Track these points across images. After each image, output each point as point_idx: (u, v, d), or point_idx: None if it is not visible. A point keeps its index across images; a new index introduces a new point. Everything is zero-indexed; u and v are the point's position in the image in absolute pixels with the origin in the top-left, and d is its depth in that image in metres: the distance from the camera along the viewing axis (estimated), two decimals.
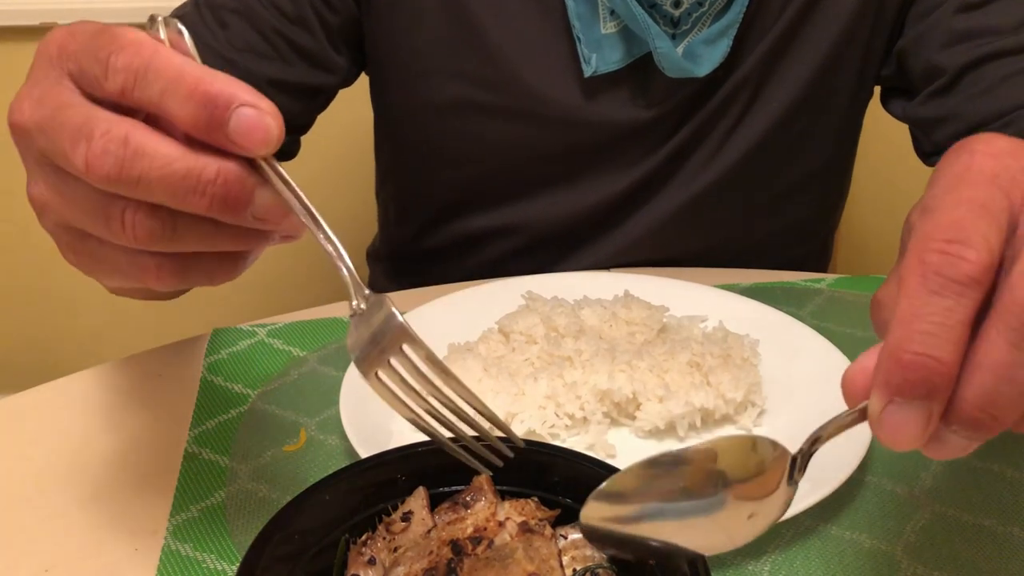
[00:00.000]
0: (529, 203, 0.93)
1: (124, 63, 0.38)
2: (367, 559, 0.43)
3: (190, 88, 0.38)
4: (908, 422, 0.33)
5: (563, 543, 0.43)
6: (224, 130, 0.38)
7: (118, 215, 0.39)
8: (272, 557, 0.40)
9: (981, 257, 0.32)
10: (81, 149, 0.38)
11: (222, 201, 0.38)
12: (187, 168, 0.38)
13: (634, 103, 0.86)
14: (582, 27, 0.83)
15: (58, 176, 0.41)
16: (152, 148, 0.38)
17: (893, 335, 0.33)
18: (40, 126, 0.40)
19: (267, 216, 0.40)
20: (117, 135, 0.38)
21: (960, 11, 0.81)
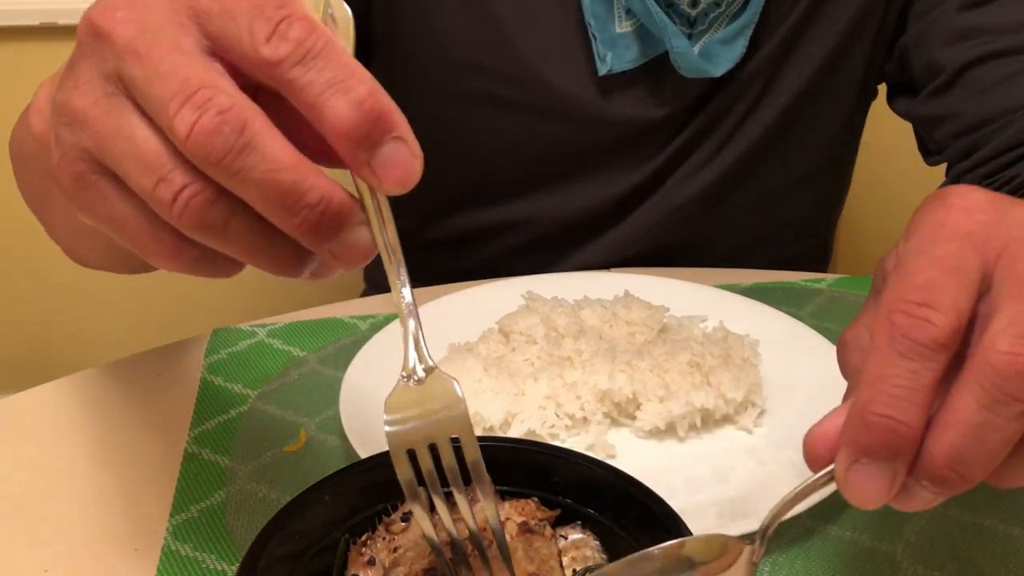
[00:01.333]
0: (534, 199, 0.93)
1: (298, 35, 0.34)
2: (367, 559, 0.43)
3: (363, 94, 0.34)
4: (873, 481, 0.34)
5: (563, 543, 0.43)
6: (372, 151, 0.35)
7: (177, 183, 0.34)
8: (272, 557, 0.40)
9: (949, 321, 0.33)
10: (188, 115, 0.33)
11: (312, 227, 0.34)
12: (293, 182, 0.34)
13: (647, 102, 0.87)
14: (597, 25, 0.83)
15: (123, 108, 0.35)
16: (266, 146, 0.34)
17: (861, 395, 0.34)
18: (136, 51, 0.35)
19: (349, 255, 0.36)
20: (237, 118, 0.33)
21: (961, 9, 0.82)
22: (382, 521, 0.44)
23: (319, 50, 0.34)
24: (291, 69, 0.34)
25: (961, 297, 0.33)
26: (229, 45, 0.35)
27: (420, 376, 0.38)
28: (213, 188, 0.34)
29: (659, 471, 0.60)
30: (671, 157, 0.90)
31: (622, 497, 0.43)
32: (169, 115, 0.33)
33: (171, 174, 0.34)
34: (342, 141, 0.34)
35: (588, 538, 0.44)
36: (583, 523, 0.44)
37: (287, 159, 0.34)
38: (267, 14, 0.34)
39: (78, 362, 0.83)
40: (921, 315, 0.33)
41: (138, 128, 0.35)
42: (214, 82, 0.34)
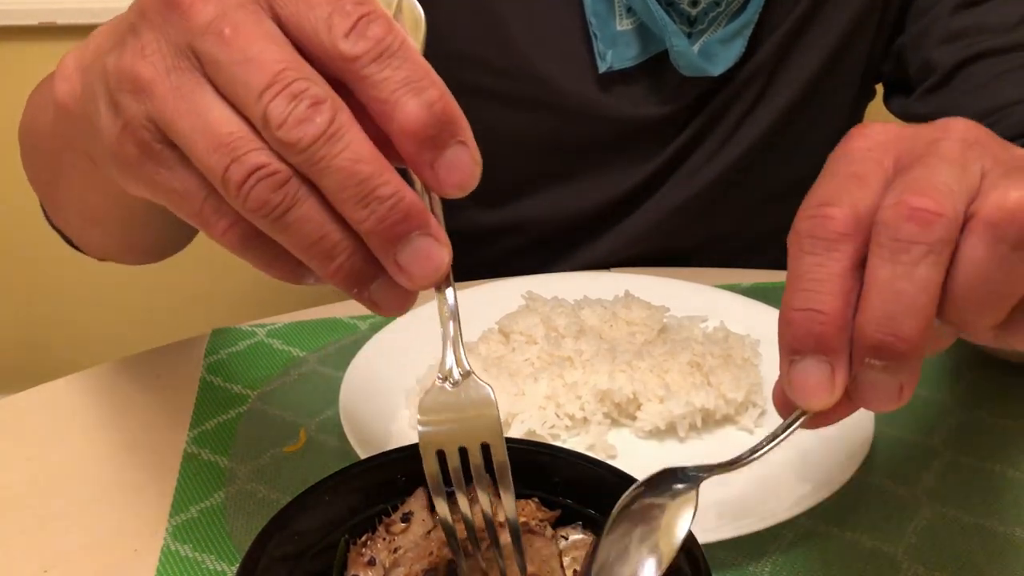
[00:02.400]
0: (533, 200, 0.93)
1: (377, 33, 0.34)
2: (367, 560, 0.43)
3: (435, 96, 0.34)
4: (810, 375, 0.35)
5: (563, 544, 0.43)
6: (436, 153, 0.35)
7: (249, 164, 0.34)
8: (272, 557, 0.40)
9: (845, 212, 0.35)
10: (283, 104, 0.33)
11: (379, 221, 0.34)
12: (370, 174, 0.34)
13: (646, 100, 0.87)
14: (598, 23, 0.83)
15: (197, 84, 0.35)
16: (351, 137, 0.34)
17: (783, 301, 0.35)
18: (219, 32, 0.34)
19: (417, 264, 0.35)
20: (329, 107, 0.34)
21: (956, 9, 0.82)
22: (382, 521, 0.44)
23: (395, 49, 0.34)
24: (368, 66, 0.34)
25: (858, 194, 0.35)
26: (303, 34, 0.35)
27: (456, 379, 0.39)
28: (286, 171, 0.34)
29: None
30: (670, 158, 0.90)
31: None
32: (263, 102, 0.34)
33: (245, 156, 0.34)
34: (409, 140, 0.35)
35: (588, 539, 0.44)
36: (583, 524, 0.44)
37: (367, 151, 0.34)
38: (347, 9, 0.34)
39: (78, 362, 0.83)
40: (820, 213, 0.35)
41: (213, 106, 0.35)
42: (306, 72, 0.34)
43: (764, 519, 0.52)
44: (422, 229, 0.35)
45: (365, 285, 0.36)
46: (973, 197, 0.34)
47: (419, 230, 0.35)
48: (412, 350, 0.67)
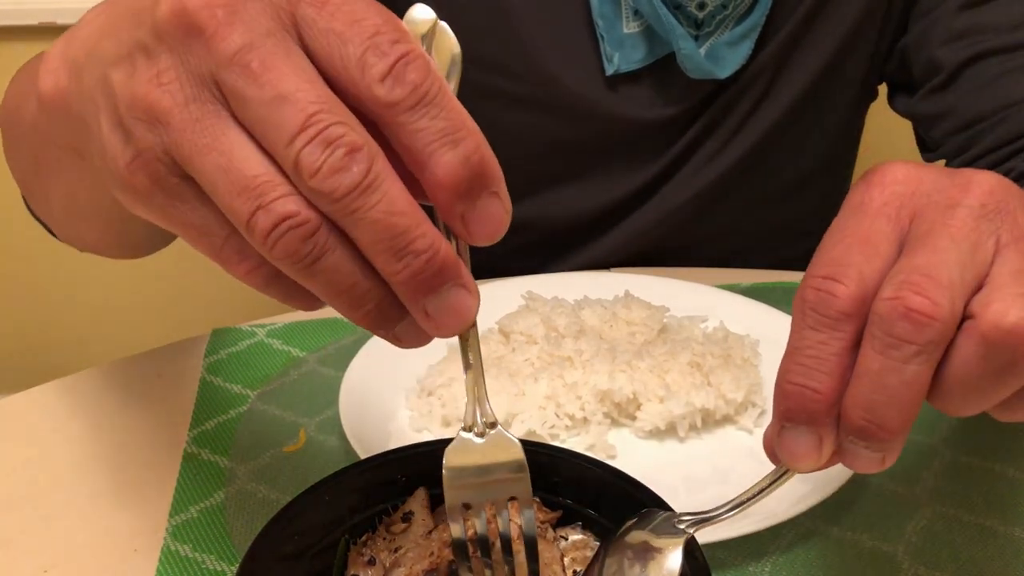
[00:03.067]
0: (535, 200, 0.93)
1: (415, 78, 0.32)
2: (367, 559, 0.43)
3: (471, 148, 0.33)
4: (799, 444, 0.36)
5: (564, 544, 0.44)
6: (468, 204, 0.33)
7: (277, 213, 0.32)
8: (272, 557, 0.40)
9: (851, 292, 0.35)
10: (317, 152, 0.31)
11: (412, 274, 0.33)
12: (406, 227, 0.32)
13: (653, 102, 0.87)
14: (605, 26, 0.83)
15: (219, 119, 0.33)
16: (387, 188, 0.32)
17: (780, 367, 0.36)
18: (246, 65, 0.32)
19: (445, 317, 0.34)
20: (366, 156, 0.32)
21: (961, 9, 0.82)
22: (382, 521, 0.44)
23: (433, 96, 0.32)
24: (403, 113, 0.32)
25: (866, 267, 0.35)
26: (335, 69, 0.33)
27: (481, 430, 0.38)
28: (316, 220, 0.32)
29: (659, 471, 0.60)
30: (674, 158, 0.90)
31: (622, 497, 0.43)
32: (295, 148, 0.31)
33: (274, 202, 0.32)
34: (442, 192, 0.33)
35: (588, 539, 0.44)
36: (583, 524, 0.44)
37: (403, 203, 0.32)
38: (383, 48, 0.32)
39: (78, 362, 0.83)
40: (826, 288, 0.35)
41: (237, 145, 0.33)
42: (342, 115, 0.32)
43: (764, 519, 0.52)
44: (454, 281, 0.34)
45: (390, 327, 0.35)
46: (979, 282, 0.34)
47: (452, 282, 0.34)
48: (412, 350, 0.67)
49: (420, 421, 0.64)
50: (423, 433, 0.63)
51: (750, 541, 0.53)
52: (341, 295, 0.34)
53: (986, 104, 0.79)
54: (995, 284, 0.34)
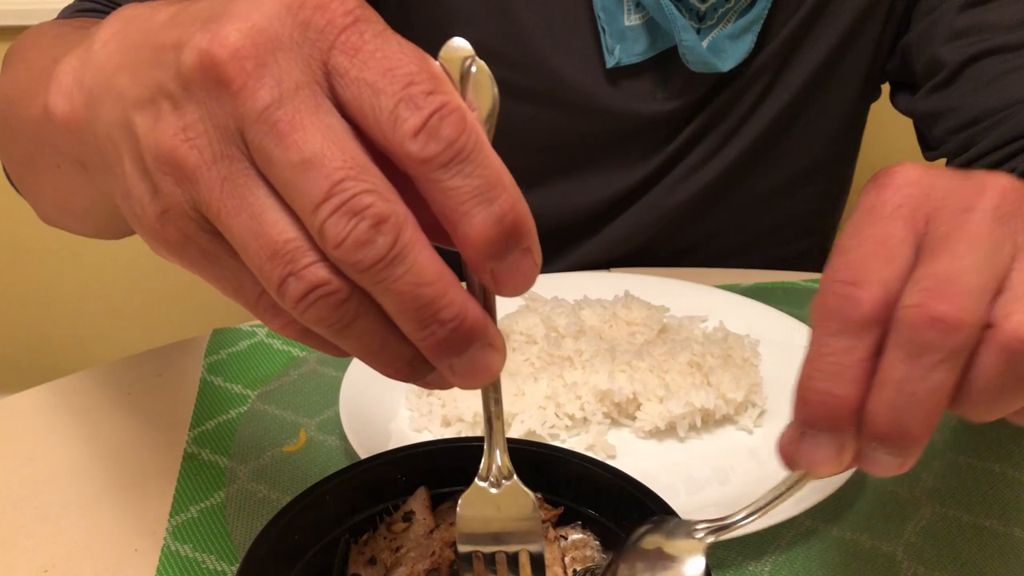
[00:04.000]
0: (535, 194, 0.93)
1: (451, 135, 0.31)
2: (368, 558, 0.43)
3: (507, 207, 0.32)
4: (820, 450, 0.36)
5: (564, 543, 0.44)
6: (499, 262, 0.32)
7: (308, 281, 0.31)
8: (272, 556, 0.40)
9: (874, 297, 0.34)
10: (342, 223, 0.30)
11: (438, 342, 0.32)
12: (433, 297, 0.31)
13: (653, 95, 0.87)
14: (607, 18, 0.84)
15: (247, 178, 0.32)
16: (415, 258, 0.31)
17: (802, 372, 0.36)
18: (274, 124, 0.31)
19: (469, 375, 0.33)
20: (393, 227, 0.31)
21: (963, 8, 0.83)
22: (383, 520, 0.45)
23: (469, 152, 0.31)
24: (436, 170, 0.31)
25: (886, 271, 0.35)
26: (366, 122, 0.31)
27: (500, 482, 0.38)
28: (347, 288, 0.32)
29: (659, 471, 0.60)
30: (673, 153, 0.90)
31: (622, 497, 0.43)
32: (320, 217, 0.30)
33: (304, 271, 0.31)
34: (474, 252, 0.32)
35: (588, 538, 0.44)
36: (583, 523, 0.45)
37: (431, 273, 0.31)
38: (417, 101, 0.31)
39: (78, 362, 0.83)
40: (849, 294, 0.35)
41: (267, 207, 0.32)
42: (369, 181, 0.31)
43: (764, 519, 0.52)
44: (481, 343, 0.33)
45: (420, 378, 0.35)
46: (999, 285, 0.34)
47: (478, 344, 0.33)
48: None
49: (420, 421, 0.64)
50: (423, 433, 0.63)
51: (750, 541, 0.53)
52: (372, 355, 0.34)
53: (987, 103, 0.80)
54: (1015, 293, 0.34)
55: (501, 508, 0.38)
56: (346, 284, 0.32)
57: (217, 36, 0.31)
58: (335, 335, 0.33)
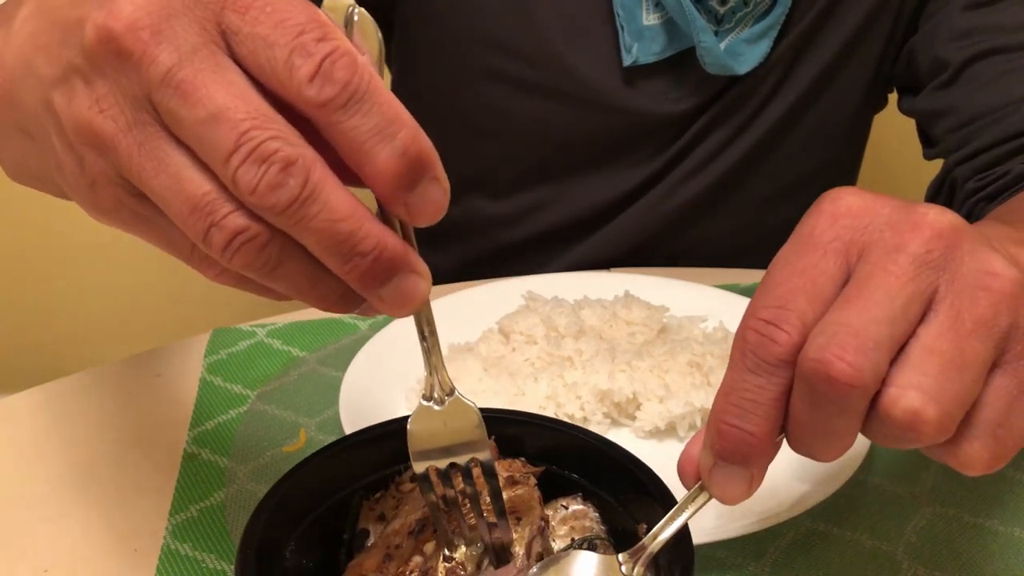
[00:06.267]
0: (542, 191, 0.93)
1: (344, 77, 0.32)
2: (377, 515, 0.46)
3: (408, 139, 0.33)
4: (731, 481, 0.37)
5: (564, 513, 0.46)
6: (408, 193, 0.34)
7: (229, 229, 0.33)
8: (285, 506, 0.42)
9: (792, 340, 0.35)
10: (253, 170, 0.32)
11: (362, 273, 0.34)
12: (350, 231, 0.33)
13: (667, 95, 0.87)
14: (625, 16, 0.84)
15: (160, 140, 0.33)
16: (327, 196, 0.33)
17: (716, 403, 0.37)
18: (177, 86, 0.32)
19: (397, 302, 0.35)
20: (301, 168, 0.32)
21: (966, 9, 0.83)
22: (394, 481, 0.47)
23: (364, 91, 0.33)
24: (335, 112, 0.33)
25: (809, 312, 0.35)
26: (264, 74, 0.33)
27: (441, 398, 0.40)
28: (267, 232, 0.33)
29: (659, 471, 0.59)
30: (678, 153, 0.90)
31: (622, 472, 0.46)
32: (231, 167, 0.32)
33: (224, 220, 0.33)
34: (382, 185, 0.34)
35: (588, 509, 0.46)
36: (583, 495, 0.47)
37: (345, 208, 0.33)
38: (309, 48, 0.32)
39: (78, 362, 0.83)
40: (768, 334, 0.36)
41: (182, 166, 0.33)
42: (274, 128, 0.32)
43: (764, 519, 0.52)
44: (404, 270, 0.35)
45: (353, 308, 0.37)
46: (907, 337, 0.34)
47: (401, 271, 0.35)
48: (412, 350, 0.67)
49: None
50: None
51: (750, 541, 0.53)
52: (303, 293, 0.36)
53: (986, 101, 0.80)
54: (905, 361, 0.34)
55: (447, 423, 0.40)
56: (266, 228, 0.33)
57: (112, 10, 0.33)
58: (265, 278, 0.35)
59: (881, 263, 0.35)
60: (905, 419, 0.33)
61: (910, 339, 0.34)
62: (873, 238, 0.36)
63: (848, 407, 0.34)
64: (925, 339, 0.34)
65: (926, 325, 0.34)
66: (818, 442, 0.36)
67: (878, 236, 0.36)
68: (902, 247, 0.35)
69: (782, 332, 0.35)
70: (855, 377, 0.33)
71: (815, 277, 0.36)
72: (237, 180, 0.32)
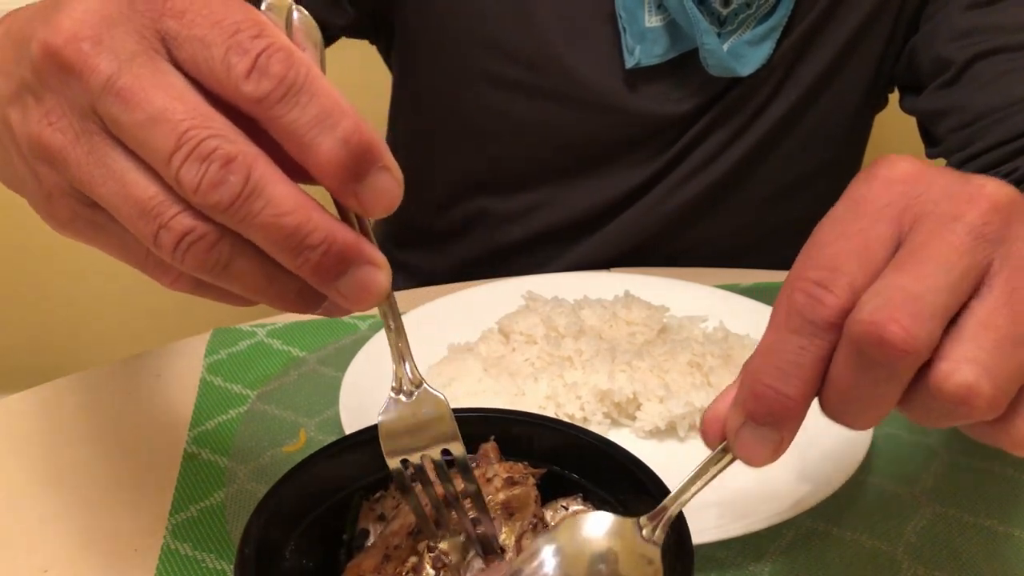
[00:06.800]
0: (542, 192, 0.93)
1: (280, 70, 0.33)
2: (377, 515, 0.46)
3: (350, 129, 0.33)
4: (760, 444, 0.36)
5: (564, 514, 0.46)
6: (358, 183, 0.34)
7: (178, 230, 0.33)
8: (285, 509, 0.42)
9: (839, 303, 0.34)
10: (193, 169, 0.32)
11: (314, 267, 0.34)
12: (296, 225, 0.33)
13: (668, 97, 0.87)
14: (627, 18, 0.84)
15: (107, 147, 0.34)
16: (271, 192, 0.33)
17: (752, 362, 0.36)
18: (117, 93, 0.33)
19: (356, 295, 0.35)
20: (242, 165, 0.32)
21: (967, 8, 0.83)
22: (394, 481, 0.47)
23: (301, 84, 0.33)
24: (274, 106, 0.33)
25: (859, 276, 0.34)
26: (203, 75, 0.33)
27: (410, 390, 0.40)
28: (215, 231, 0.34)
29: (659, 471, 0.59)
30: (678, 153, 0.90)
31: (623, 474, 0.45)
32: (173, 168, 0.32)
33: (171, 221, 0.33)
34: (329, 177, 0.34)
35: (588, 509, 0.46)
36: (584, 496, 0.47)
37: (290, 202, 0.33)
38: (244, 45, 0.33)
39: (78, 362, 0.83)
40: (816, 295, 0.34)
41: (128, 171, 0.34)
42: (214, 127, 0.33)
43: (764, 519, 0.52)
44: (358, 261, 0.35)
45: (316, 307, 0.37)
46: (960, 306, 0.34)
47: (356, 263, 0.35)
48: (412, 350, 0.67)
49: None
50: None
51: (750, 541, 0.53)
52: (260, 293, 0.36)
53: (990, 101, 0.80)
54: (958, 334, 0.33)
55: (417, 414, 0.40)
56: (214, 228, 0.34)
57: (53, 26, 0.34)
58: (218, 278, 0.35)
59: (937, 232, 0.34)
60: (958, 393, 0.32)
61: (961, 313, 0.33)
62: (928, 207, 0.35)
63: (895, 374, 0.33)
64: (980, 313, 0.33)
65: (980, 299, 0.33)
66: (855, 408, 0.35)
67: (933, 205, 0.35)
68: (959, 217, 0.34)
69: (831, 294, 0.34)
70: (908, 342, 0.32)
71: (867, 241, 0.35)
72: (180, 179, 0.33)
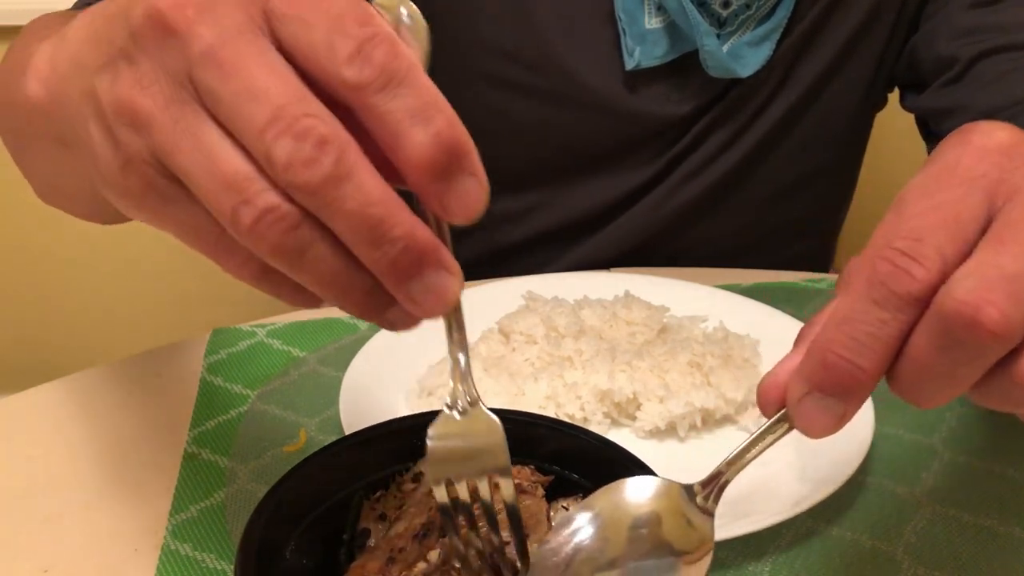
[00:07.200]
0: (542, 193, 0.93)
1: (383, 59, 0.32)
2: (378, 515, 0.45)
3: (443, 126, 0.33)
4: (823, 415, 0.34)
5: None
6: (444, 185, 0.33)
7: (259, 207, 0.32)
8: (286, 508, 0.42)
9: (929, 277, 0.32)
10: (287, 145, 0.31)
11: (391, 262, 0.33)
12: (381, 217, 0.32)
13: (668, 99, 0.87)
14: (627, 20, 0.83)
15: (197, 117, 0.33)
16: (361, 178, 0.32)
17: (826, 331, 0.34)
18: (218, 63, 0.32)
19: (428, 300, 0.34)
20: (336, 147, 0.32)
21: (969, 7, 0.83)
22: (395, 481, 0.47)
23: (402, 76, 0.32)
24: (373, 95, 0.32)
25: (949, 249, 0.33)
26: (304, 57, 0.33)
27: (463, 408, 0.39)
28: (297, 213, 0.33)
29: (659, 471, 0.60)
30: (678, 154, 0.90)
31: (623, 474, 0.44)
32: (265, 142, 0.32)
33: (254, 197, 0.32)
34: (417, 173, 0.33)
35: None
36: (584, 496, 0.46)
37: (377, 192, 0.32)
38: (350, 31, 0.32)
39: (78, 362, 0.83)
40: (904, 266, 0.33)
41: (216, 143, 0.33)
42: (311, 107, 0.32)
43: (764, 519, 0.52)
44: (435, 265, 0.34)
45: (382, 313, 0.36)
46: None
47: (432, 266, 0.34)
48: (412, 350, 0.67)
49: None
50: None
51: (750, 541, 0.53)
52: (329, 285, 0.34)
53: (992, 100, 0.79)
54: None
55: (468, 435, 0.39)
56: (297, 209, 0.33)
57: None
58: (291, 264, 0.33)
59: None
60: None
61: None
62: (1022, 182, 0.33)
63: (981, 357, 0.32)
64: None
65: None
66: (930, 387, 0.33)
67: None
68: None
69: (920, 267, 0.32)
70: (1002, 326, 0.31)
71: (959, 212, 0.33)
72: (271, 155, 0.32)
